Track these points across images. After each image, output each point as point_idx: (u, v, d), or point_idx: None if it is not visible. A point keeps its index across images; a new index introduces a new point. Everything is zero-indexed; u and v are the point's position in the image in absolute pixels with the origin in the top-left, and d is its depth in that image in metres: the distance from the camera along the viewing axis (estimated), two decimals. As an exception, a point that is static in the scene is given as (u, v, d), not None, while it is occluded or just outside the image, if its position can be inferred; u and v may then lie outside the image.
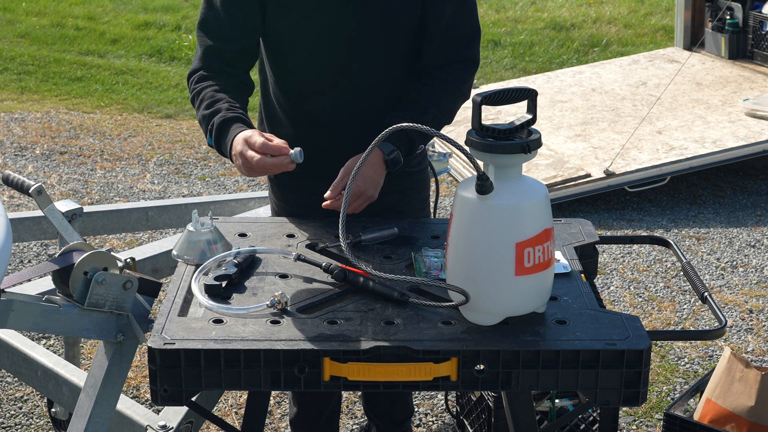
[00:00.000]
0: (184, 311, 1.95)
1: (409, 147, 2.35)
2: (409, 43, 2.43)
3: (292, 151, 2.11)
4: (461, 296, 1.86)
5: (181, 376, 1.80)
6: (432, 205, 2.89)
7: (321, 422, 2.88)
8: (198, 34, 2.41)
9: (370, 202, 2.30)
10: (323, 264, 2.10)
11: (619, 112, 6.43)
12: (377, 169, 2.30)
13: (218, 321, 1.90)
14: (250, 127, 2.25)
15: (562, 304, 1.98)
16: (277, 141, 2.13)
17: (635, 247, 4.90)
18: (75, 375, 2.59)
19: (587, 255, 2.31)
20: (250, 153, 2.12)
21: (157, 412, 2.60)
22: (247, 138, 2.14)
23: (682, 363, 3.80)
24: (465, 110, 2.53)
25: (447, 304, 1.92)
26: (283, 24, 2.37)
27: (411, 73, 2.48)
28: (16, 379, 3.58)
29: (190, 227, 2.17)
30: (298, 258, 2.13)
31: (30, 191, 2.44)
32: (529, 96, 1.88)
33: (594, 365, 1.81)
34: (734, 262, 4.73)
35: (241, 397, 3.52)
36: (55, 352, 3.13)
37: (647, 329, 1.88)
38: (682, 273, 4.43)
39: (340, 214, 1.96)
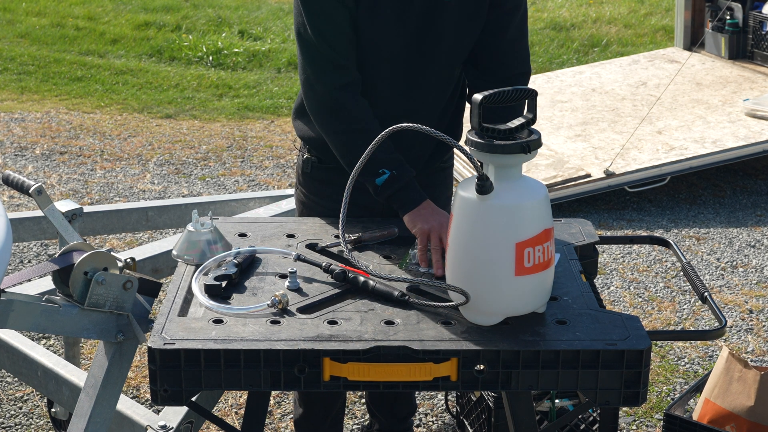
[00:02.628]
0: (184, 311, 1.96)
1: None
2: (468, 52, 2.46)
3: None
4: (461, 296, 1.86)
5: (181, 376, 1.80)
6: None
7: (326, 424, 2.87)
8: (317, 42, 2.32)
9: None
10: (323, 264, 2.10)
11: (619, 112, 6.43)
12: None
13: (218, 321, 1.90)
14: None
15: (562, 304, 1.98)
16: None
17: (635, 247, 4.90)
18: (75, 375, 2.59)
19: (587, 255, 2.32)
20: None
21: (157, 412, 2.60)
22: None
23: (682, 363, 3.80)
24: (466, 110, 2.53)
25: (447, 304, 1.92)
26: (365, 36, 2.37)
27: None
28: (16, 379, 3.58)
29: (190, 227, 2.17)
30: (298, 258, 2.13)
31: (30, 191, 2.44)
32: (529, 96, 1.88)
33: (594, 365, 1.81)
34: (734, 262, 4.73)
35: (241, 397, 3.52)
36: (55, 352, 3.13)
37: (647, 329, 1.88)
38: (682, 273, 4.43)
39: (340, 214, 1.96)
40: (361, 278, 2.03)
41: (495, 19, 2.40)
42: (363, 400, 3.47)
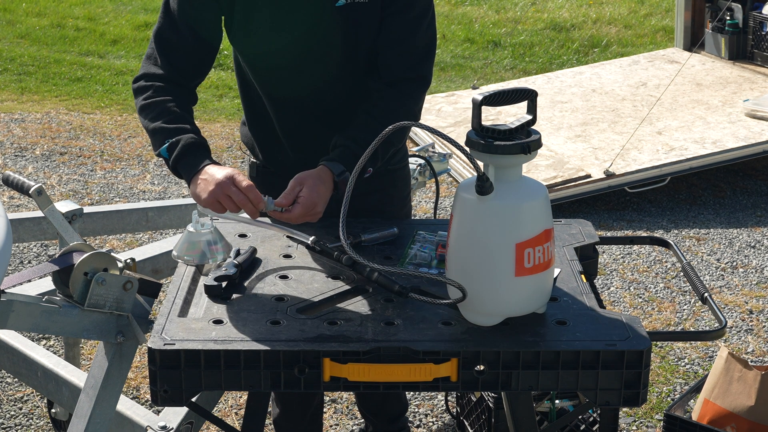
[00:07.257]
0: (184, 312, 1.96)
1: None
2: (371, 46, 2.39)
3: (265, 199, 2.14)
4: (459, 292, 1.86)
5: (181, 376, 1.80)
6: (432, 205, 2.89)
7: (305, 422, 2.87)
8: (155, 41, 2.36)
9: (314, 220, 2.21)
10: (334, 254, 2.08)
11: (619, 112, 6.43)
12: (328, 187, 2.23)
13: (218, 321, 1.90)
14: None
15: (562, 304, 1.98)
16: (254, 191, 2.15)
17: (635, 247, 4.90)
18: (75, 376, 2.59)
19: (587, 256, 2.32)
20: (234, 190, 2.13)
21: (157, 412, 2.60)
22: (233, 176, 2.13)
23: (682, 363, 3.80)
24: (466, 110, 2.52)
25: (446, 301, 1.92)
26: (245, 41, 2.37)
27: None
28: (16, 379, 3.58)
29: (190, 228, 2.17)
30: (315, 244, 2.10)
31: (30, 192, 2.44)
32: (529, 96, 1.88)
33: (594, 366, 1.81)
34: (734, 263, 4.73)
35: (241, 397, 3.52)
36: (55, 353, 3.13)
37: (647, 330, 1.88)
38: (682, 273, 4.43)
39: (340, 215, 1.96)
40: (367, 268, 2.01)
41: (382, 20, 2.34)
42: (363, 401, 3.47)
